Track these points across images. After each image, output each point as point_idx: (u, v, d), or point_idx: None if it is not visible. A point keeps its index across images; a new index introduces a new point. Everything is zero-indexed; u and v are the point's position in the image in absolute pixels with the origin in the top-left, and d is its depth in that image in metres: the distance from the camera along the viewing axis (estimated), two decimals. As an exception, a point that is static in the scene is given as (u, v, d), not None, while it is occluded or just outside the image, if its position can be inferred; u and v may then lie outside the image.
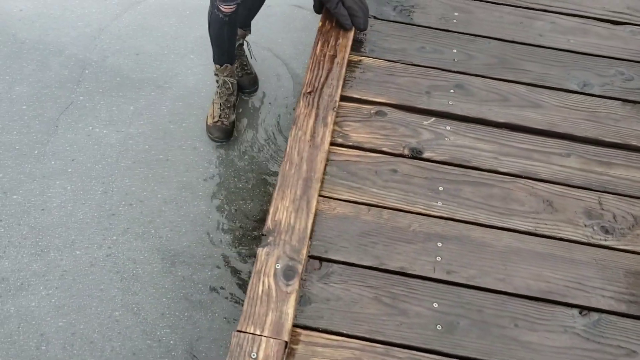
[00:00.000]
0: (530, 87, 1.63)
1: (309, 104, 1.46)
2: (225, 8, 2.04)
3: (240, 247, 2.16)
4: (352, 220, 1.33)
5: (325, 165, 1.40)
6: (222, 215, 2.23)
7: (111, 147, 2.38)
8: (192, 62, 2.68)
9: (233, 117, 2.47)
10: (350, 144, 1.47)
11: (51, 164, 2.30)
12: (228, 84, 2.41)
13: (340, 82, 1.52)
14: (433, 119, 1.54)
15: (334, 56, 1.56)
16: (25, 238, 2.10)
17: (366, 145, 1.47)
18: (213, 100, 2.47)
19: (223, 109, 2.43)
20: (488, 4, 1.83)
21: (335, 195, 1.37)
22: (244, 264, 2.13)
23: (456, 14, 1.79)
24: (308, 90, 1.48)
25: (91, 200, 2.22)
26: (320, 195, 1.35)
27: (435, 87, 1.60)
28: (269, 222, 1.24)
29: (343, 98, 1.55)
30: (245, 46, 2.58)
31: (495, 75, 1.65)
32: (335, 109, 1.46)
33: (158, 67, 2.67)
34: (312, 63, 1.55)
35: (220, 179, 2.34)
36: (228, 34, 2.23)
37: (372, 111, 1.54)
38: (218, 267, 2.10)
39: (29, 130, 2.39)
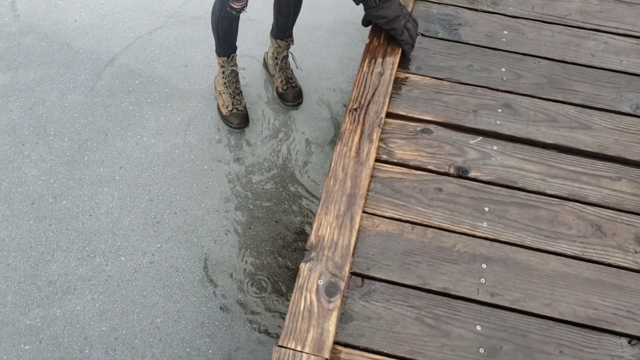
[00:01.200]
0: (580, 108, 1.60)
1: (354, 120, 1.46)
2: (237, 4, 2.10)
3: (280, 259, 2.18)
4: (396, 238, 1.32)
5: (370, 181, 1.40)
6: (263, 227, 2.25)
7: (158, 156, 2.43)
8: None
9: (244, 101, 2.56)
10: (395, 160, 1.47)
11: (100, 171, 2.37)
12: (235, 72, 2.49)
13: (387, 99, 1.52)
14: (480, 138, 1.53)
15: (380, 73, 1.57)
16: (73, 243, 2.16)
17: (411, 163, 1.46)
18: (220, 91, 2.55)
19: (234, 96, 2.51)
20: (538, 22, 1.81)
21: (379, 212, 1.37)
22: (284, 276, 2.15)
23: (505, 32, 1.78)
24: (354, 107, 1.49)
25: (137, 208, 2.27)
26: (363, 212, 1.35)
27: (483, 106, 1.59)
28: (312, 238, 1.25)
29: (389, 115, 1.55)
30: (290, 58, 2.61)
31: (544, 95, 1.62)
32: (381, 126, 1.46)
33: (205, 79, 2.72)
34: (359, 80, 1.55)
35: (262, 191, 2.36)
36: (236, 27, 2.32)
37: (418, 129, 1.53)
38: (258, 278, 2.12)
39: (80, 137, 2.46)
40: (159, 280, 2.10)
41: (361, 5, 1.59)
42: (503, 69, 1.68)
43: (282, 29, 2.44)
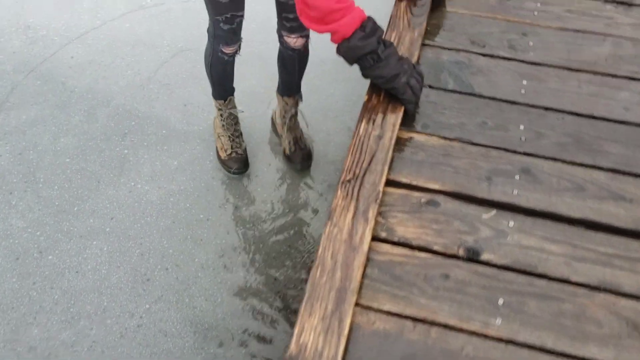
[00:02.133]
0: (611, 173, 1.39)
1: (347, 195, 1.28)
2: (228, 49, 1.96)
3: (277, 323, 2.00)
4: (395, 338, 1.13)
5: (365, 266, 1.22)
6: (261, 284, 2.08)
7: (151, 204, 2.28)
8: (240, 115, 2.56)
9: (244, 144, 2.37)
10: (396, 239, 1.28)
11: (90, 222, 2.22)
12: (233, 114, 2.32)
13: (386, 168, 1.33)
14: (494, 211, 1.33)
15: (379, 137, 1.38)
16: (57, 303, 2.01)
17: (414, 242, 1.27)
18: (218, 134, 2.37)
19: (233, 139, 2.33)
20: (562, 70, 1.61)
21: (375, 305, 1.18)
22: (280, 341, 1.97)
23: (525, 82, 1.58)
24: (347, 178, 1.31)
25: (127, 263, 2.12)
26: (357, 304, 1.17)
27: (498, 172, 1.39)
28: (293, 346, 1.07)
29: (390, 183, 1.36)
30: (299, 116, 2.41)
31: (569, 158, 1.42)
32: (378, 201, 1.28)
33: (205, 119, 2.57)
34: (354, 145, 1.37)
35: (262, 243, 2.19)
36: (230, 70, 2.16)
37: (423, 200, 1.34)
38: (252, 342, 1.94)
39: (71, 185, 2.33)
40: (146, 346, 1.93)
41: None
42: (522, 127, 1.48)
43: (289, 86, 2.25)
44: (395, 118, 1.42)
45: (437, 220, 1.31)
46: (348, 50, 1.36)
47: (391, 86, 1.39)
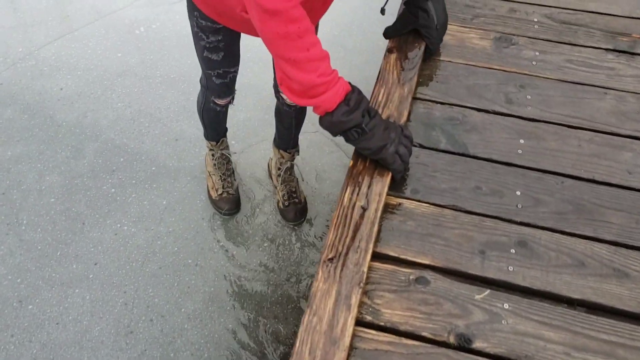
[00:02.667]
0: (613, 247, 1.30)
1: (329, 276, 1.19)
2: (221, 102, 1.89)
3: (267, 381, 1.91)
4: None
5: (348, 357, 1.13)
6: (250, 336, 1.99)
7: (137, 248, 2.20)
8: (233, 148, 2.48)
9: (236, 183, 2.30)
10: (382, 324, 1.19)
11: (72, 268, 2.14)
12: (225, 155, 2.25)
13: (371, 245, 1.24)
14: (488, 291, 1.24)
15: (364, 208, 1.29)
16: (36, 358, 1.93)
17: (402, 328, 1.18)
18: (209, 172, 2.29)
19: (225, 179, 2.25)
20: (561, 127, 1.52)
21: (357, 403, 1.09)
22: (269, 400, 1.88)
23: (522, 141, 1.49)
24: (329, 256, 1.22)
25: (109, 314, 2.03)
26: (337, 401, 1.08)
27: (492, 245, 1.30)
28: None
29: (376, 255, 1.28)
30: (294, 169, 2.32)
31: (568, 228, 1.33)
32: (361, 284, 1.19)
33: (197, 155, 2.49)
34: (337, 217, 1.28)
35: (252, 290, 2.10)
36: (223, 117, 2.10)
37: (412, 277, 1.25)
38: (239, 405, 1.86)
39: (54, 227, 2.25)
40: (127, 407, 1.85)
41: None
42: (518, 192, 1.39)
43: (285, 140, 2.17)
44: (382, 186, 1.34)
45: (426, 302, 1.22)
46: (331, 125, 1.27)
47: (378, 157, 1.31)
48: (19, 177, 2.40)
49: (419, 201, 1.38)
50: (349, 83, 1.30)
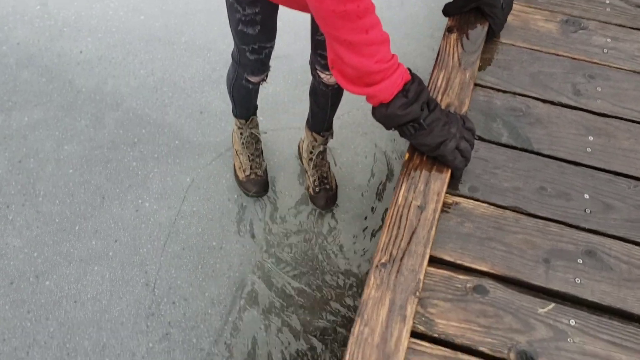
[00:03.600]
0: (693, 262, 1.18)
1: (381, 283, 1.08)
2: (255, 79, 1.76)
3: (292, 373, 1.83)
4: None
5: (400, 371, 1.03)
6: (275, 327, 1.90)
7: (160, 227, 2.10)
8: (260, 125, 2.35)
9: (264, 164, 2.18)
10: (436, 335, 1.09)
11: (91, 244, 2.05)
12: (254, 134, 2.14)
13: (428, 249, 1.13)
14: (552, 305, 1.13)
15: (421, 208, 1.18)
16: (52, 337, 1.86)
17: (457, 341, 1.08)
18: (237, 150, 2.17)
19: (253, 159, 2.13)
20: (635, 124, 1.38)
21: None
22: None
23: (591, 138, 1.36)
24: (382, 260, 1.11)
25: (130, 294, 1.95)
26: (388, 421, 0.98)
27: (558, 254, 1.19)
28: None
29: (431, 259, 1.17)
30: (327, 154, 2.19)
31: (642, 238, 1.21)
32: (418, 293, 1.08)
33: (222, 130, 2.37)
34: (391, 217, 1.17)
35: (279, 278, 2.01)
36: (255, 94, 1.97)
37: (469, 285, 1.15)
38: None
39: (73, 200, 2.15)
40: (146, 392, 1.78)
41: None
42: (586, 196, 1.27)
43: (319, 122, 2.03)
44: (440, 184, 1.22)
45: (485, 313, 1.11)
46: (385, 118, 1.14)
47: (437, 154, 1.18)
48: (36, 144, 2.29)
49: (477, 200, 1.26)
50: (409, 70, 1.17)
